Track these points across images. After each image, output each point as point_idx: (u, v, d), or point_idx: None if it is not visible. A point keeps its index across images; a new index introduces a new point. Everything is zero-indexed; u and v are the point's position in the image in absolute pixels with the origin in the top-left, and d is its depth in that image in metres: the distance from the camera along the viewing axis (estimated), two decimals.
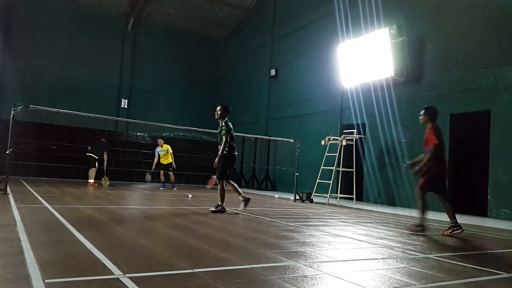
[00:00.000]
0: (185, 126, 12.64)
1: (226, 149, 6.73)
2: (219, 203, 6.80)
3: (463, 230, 5.59)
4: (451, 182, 10.35)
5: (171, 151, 13.27)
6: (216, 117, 6.98)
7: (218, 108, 6.96)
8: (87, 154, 12.85)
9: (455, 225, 5.56)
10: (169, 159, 13.18)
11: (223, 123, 6.85)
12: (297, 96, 16.45)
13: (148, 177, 13.67)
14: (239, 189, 7.11)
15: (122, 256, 3.15)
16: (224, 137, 6.72)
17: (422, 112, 5.88)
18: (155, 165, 13.35)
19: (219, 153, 6.71)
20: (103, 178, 12.86)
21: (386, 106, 12.10)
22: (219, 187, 6.80)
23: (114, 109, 19.36)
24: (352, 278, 2.86)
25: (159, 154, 13.28)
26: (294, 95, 16.68)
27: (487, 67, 9.83)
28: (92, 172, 12.66)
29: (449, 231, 5.57)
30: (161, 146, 13.28)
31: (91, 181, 12.60)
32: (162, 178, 13.35)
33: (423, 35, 11.48)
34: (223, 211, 6.74)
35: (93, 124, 16.51)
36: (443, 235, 5.60)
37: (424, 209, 5.65)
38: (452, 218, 5.59)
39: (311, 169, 13.58)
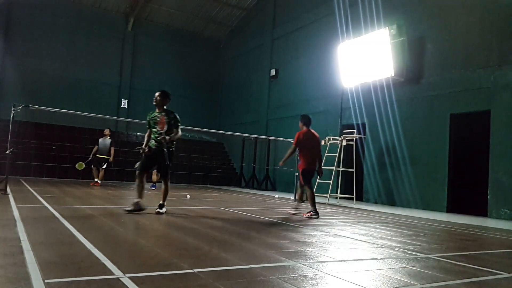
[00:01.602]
0: (185, 126, 12.52)
1: (173, 145, 6.24)
2: (136, 200, 5.96)
3: (318, 216, 6.83)
4: (451, 182, 10.43)
5: None
6: (154, 103, 6.24)
7: (157, 94, 6.22)
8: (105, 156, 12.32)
9: (314, 212, 6.87)
10: None
11: (172, 114, 6.16)
12: (297, 96, 16.45)
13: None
14: (144, 191, 6.26)
15: (122, 256, 3.15)
16: (177, 130, 6.16)
17: (299, 119, 7.28)
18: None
19: (171, 139, 6.03)
20: (78, 163, 12.19)
21: (386, 106, 12.10)
22: (138, 181, 6.13)
23: (114, 109, 19.38)
24: (352, 278, 2.86)
25: None
26: (294, 95, 16.68)
27: (487, 67, 9.83)
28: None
29: (308, 214, 6.88)
30: None
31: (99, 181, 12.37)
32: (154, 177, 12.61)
33: (423, 35, 11.47)
34: (140, 209, 5.92)
35: (93, 124, 16.49)
36: (303, 216, 6.89)
37: (312, 197, 6.96)
38: (312, 205, 6.90)
39: None
